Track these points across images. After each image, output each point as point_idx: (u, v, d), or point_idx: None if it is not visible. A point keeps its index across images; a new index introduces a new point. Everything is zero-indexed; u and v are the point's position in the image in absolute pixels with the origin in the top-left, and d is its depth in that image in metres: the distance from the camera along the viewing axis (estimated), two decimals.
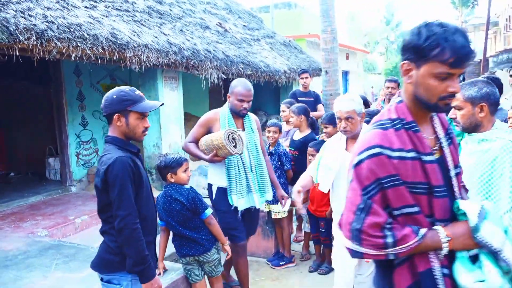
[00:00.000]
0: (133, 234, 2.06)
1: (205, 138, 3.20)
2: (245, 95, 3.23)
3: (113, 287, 2.20)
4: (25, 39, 3.69)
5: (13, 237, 4.21)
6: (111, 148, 2.16)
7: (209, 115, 3.38)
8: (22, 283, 3.19)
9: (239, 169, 3.27)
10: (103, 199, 2.15)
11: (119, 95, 2.17)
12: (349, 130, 2.96)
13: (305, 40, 15.12)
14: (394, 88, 5.55)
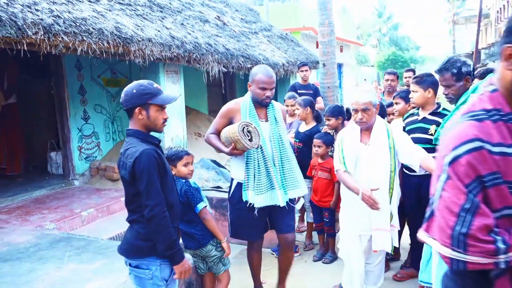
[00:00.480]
0: (162, 222, 2.16)
1: (224, 130, 3.01)
2: (267, 83, 2.98)
3: (142, 271, 2.28)
4: (33, 33, 3.71)
5: (22, 230, 4.25)
6: (134, 141, 2.23)
7: (230, 105, 3.17)
8: (36, 275, 3.25)
9: (258, 163, 3.01)
10: (131, 191, 2.24)
11: (138, 89, 2.23)
12: (365, 121, 3.03)
13: (300, 33, 15.16)
14: (393, 80, 5.63)
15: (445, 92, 2.98)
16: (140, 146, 2.18)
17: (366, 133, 3.15)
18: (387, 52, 43.32)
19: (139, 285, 2.33)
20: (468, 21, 37.30)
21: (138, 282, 2.32)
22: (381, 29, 49.36)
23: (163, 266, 2.28)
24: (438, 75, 3.00)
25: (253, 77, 3.03)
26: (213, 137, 3.13)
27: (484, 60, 18.77)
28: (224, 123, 3.11)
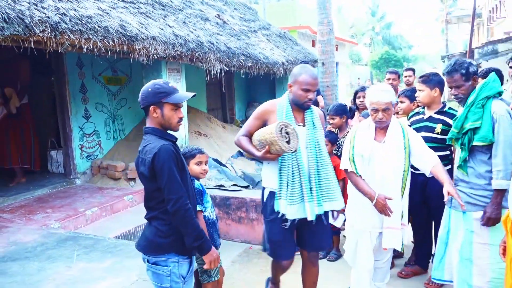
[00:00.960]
0: (186, 214, 2.18)
1: (258, 133, 2.80)
2: (312, 84, 2.79)
3: (160, 268, 2.30)
4: (40, 31, 3.68)
5: (28, 230, 4.23)
6: (152, 138, 2.27)
7: (265, 106, 2.96)
8: (47, 274, 3.24)
9: (293, 170, 2.78)
10: (150, 187, 2.25)
11: (153, 88, 2.26)
12: (385, 120, 3.05)
13: (297, 32, 15.18)
14: (395, 79, 5.68)
15: (455, 92, 3.00)
16: (158, 142, 2.22)
17: (381, 131, 3.16)
18: (380, 51, 43.54)
19: (157, 281, 2.34)
20: (461, 21, 37.57)
21: (156, 279, 2.34)
22: (374, 28, 49.58)
23: (181, 263, 2.30)
24: (447, 76, 3.01)
25: (296, 77, 2.82)
26: (244, 139, 2.89)
27: (478, 60, 18.89)
28: (257, 125, 2.89)
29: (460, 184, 3.01)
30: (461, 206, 2.65)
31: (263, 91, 10.71)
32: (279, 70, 8.23)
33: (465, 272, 2.90)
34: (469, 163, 2.92)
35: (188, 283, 2.38)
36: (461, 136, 2.91)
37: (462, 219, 2.96)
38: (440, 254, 3.19)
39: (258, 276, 4.25)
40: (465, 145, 2.89)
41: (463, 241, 2.92)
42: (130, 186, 5.95)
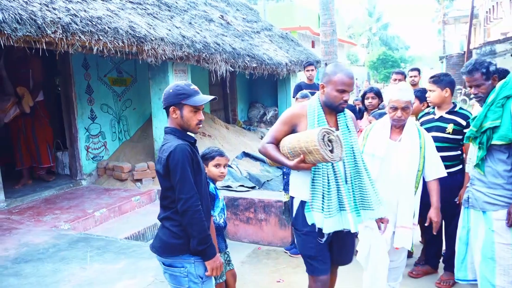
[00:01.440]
0: (195, 215, 2.17)
1: (288, 139, 2.55)
2: (349, 84, 2.55)
3: (177, 270, 2.29)
4: (52, 32, 3.68)
5: (38, 231, 4.22)
6: (171, 138, 2.29)
7: (294, 110, 2.70)
8: (62, 275, 3.23)
9: (328, 179, 2.53)
10: (164, 185, 2.27)
11: (175, 89, 2.28)
12: (403, 119, 3.08)
13: (297, 33, 15.22)
14: (401, 80, 5.69)
15: (474, 91, 2.99)
16: (175, 141, 2.24)
17: (397, 130, 3.19)
18: (378, 52, 43.67)
19: (175, 283, 2.32)
20: (457, 21, 37.72)
21: (174, 281, 2.32)
22: (371, 29, 49.72)
23: (197, 263, 2.29)
24: (467, 75, 3.00)
25: (331, 77, 2.57)
26: (271, 147, 2.63)
27: None
28: (285, 131, 2.64)
29: (477, 183, 3.00)
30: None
31: (265, 92, 10.72)
32: (283, 71, 8.25)
33: (488, 271, 2.91)
34: (487, 162, 2.91)
35: (207, 283, 2.36)
36: (480, 135, 2.90)
37: (482, 219, 2.96)
38: (462, 254, 3.20)
39: (269, 277, 4.26)
40: (483, 144, 2.88)
41: (485, 241, 2.92)
42: (136, 187, 5.94)
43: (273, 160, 2.64)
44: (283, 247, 4.95)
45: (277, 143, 2.64)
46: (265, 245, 5.01)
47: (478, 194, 2.96)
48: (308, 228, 2.61)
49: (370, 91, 4.92)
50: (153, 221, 4.92)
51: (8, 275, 3.26)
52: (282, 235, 5.03)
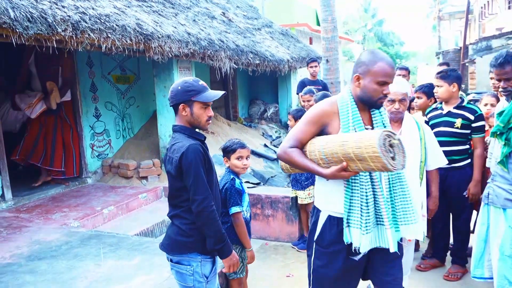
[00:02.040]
0: (210, 216, 2.17)
1: (322, 143, 2.13)
2: (391, 75, 2.16)
3: (183, 267, 2.30)
4: (62, 30, 3.68)
5: (48, 229, 4.23)
6: (181, 137, 2.25)
7: (324, 107, 2.25)
8: (77, 272, 3.25)
9: (366, 189, 2.14)
10: (175, 185, 2.25)
11: (183, 86, 2.25)
12: (401, 111, 3.13)
13: (295, 29, 15.21)
14: (405, 75, 5.73)
15: (504, 85, 2.88)
16: (186, 141, 2.20)
17: (396, 124, 3.25)
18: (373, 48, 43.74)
19: (180, 280, 2.35)
20: (452, 17, 37.87)
21: (180, 278, 2.35)
22: (366, 25, 49.80)
23: (204, 263, 2.30)
24: (498, 68, 2.87)
25: (369, 66, 2.14)
26: (296, 152, 2.19)
27: (472, 56, 19.13)
28: (313, 133, 2.22)
29: (499, 180, 2.93)
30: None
31: (265, 89, 10.74)
32: (284, 67, 8.28)
33: (505, 269, 2.87)
34: (511, 159, 2.83)
35: (211, 283, 2.38)
36: (506, 131, 2.82)
37: (502, 216, 2.92)
38: (480, 251, 3.16)
39: (278, 272, 4.31)
40: (509, 140, 2.80)
41: (504, 238, 2.88)
42: (142, 184, 5.96)
43: (299, 167, 2.21)
44: (291, 243, 5.00)
45: (301, 146, 2.22)
46: (272, 241, 5.06)
47: (499, 191, 2.91)
48: (337, 247, 2.22)
49: None
50: (161, 218, 4.95)
51: (23, 272, 3.27)
52: (289, 230, 5.07)
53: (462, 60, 20.67)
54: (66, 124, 5.77)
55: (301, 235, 5.02)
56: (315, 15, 18.62)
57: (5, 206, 4.89)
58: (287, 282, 4.16)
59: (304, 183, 4.68)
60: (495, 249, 2.98)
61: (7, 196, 4.95)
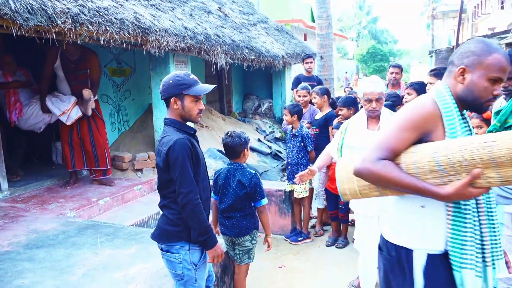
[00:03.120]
0: (195, 209, 2.25)
1: (436, 149, 1.63)
2: (506, 70, 1.72)
3: (172, 255, 2.40)
4: (61, 22, 3.73)
5: (45, 219, 4.28)
6: (170, 130, 2.32)
7: (427, 108, 1.74)
8: (75, 260, 3.32)
9: (472, 214, 1.71)
10: (164, 177, 2.33)
11: (175, 79, 2.30)
12: (378, 109, 3.29)
13: (290, 25, 15.28)
14: (397, 73, 5.85)
15: (505, 85, 2.87)
16: (175, 135, 2.26)
17: (373, 120, 3.38)
18: (367, 45, 43.95)
19: (170, 268, 2.45)
20: (446, 16, 38.15)
21: (170, 266, 2.45)
22: (361, 22, 49.98)
23: (192, 251, 2.38)
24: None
25: (482, 58, 1.71)
26: (393, 167, 1.68)
27: None
28: (412, 141, 1.72)
29: None
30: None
31: (259, 84, 10.81)
32: (279, 63, 8.35)
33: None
34: None
35: (201, 270, 2.45)
36: (502, 130, 2.87)
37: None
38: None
39: (271, 263, 4.43)
40: None
41: None
42: (137, 176, 6.02)
43: (397, 185, 1.67)
44: (283, 235, 5.11)
45: (394, 158, 1.72)
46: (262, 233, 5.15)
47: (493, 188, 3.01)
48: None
49: None
50: (156, 210, 5.01)
51: (21, 260, 3.33)
52: (282, 223, 5.18)
53: None
54: (99, 119, 5.50)
55: (294, 228, 5.13)
56: (310, 12, 18.69)
57: (1, 196, 4.92)
58: (280, 272, 4.27)
59: None
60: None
61: (3, 186, 4.98)
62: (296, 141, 4.71)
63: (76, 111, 5.14)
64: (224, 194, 3.22)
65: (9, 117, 5.14)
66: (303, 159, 4.72)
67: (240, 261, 3.33)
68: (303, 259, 4.61)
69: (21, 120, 5.20)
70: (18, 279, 3.01)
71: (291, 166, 4.82)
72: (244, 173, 3.16)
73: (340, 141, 3.50)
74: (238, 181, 3.14)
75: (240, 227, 3.21)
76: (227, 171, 3.22)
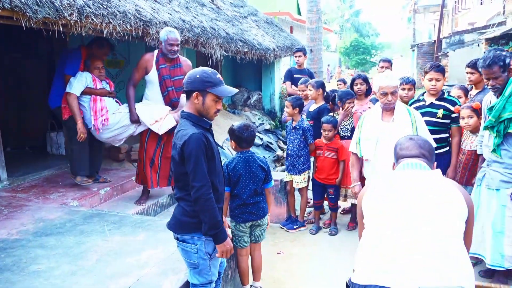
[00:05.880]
0: (207, 203, 2.34)
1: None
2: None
3: (188, 245, 2.51)
4: (68, 14, 3.79)
5: (49, 208, 4.35)
6: (186, 124, 2.40)
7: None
8: (86, 247, 3.42)
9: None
10: (179, 170, 2.43)
11: (202, 75, 2.38)
12: (393, 102, 3.49)
13: (277, 18, 15.39)
14: (387, 67, 6.06)
15: (492, 83, 3.22)
16: (190, 129, 2.34)
17: (388, 113, 3.60)
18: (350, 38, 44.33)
19: (186, 257, 2.58)
20: (427, 10, 38.68)
21: (185, 255, 2.57)
22: (343, 15, 50.32)
23: (207, 242, 2.49)
24: (487, 69, 3.20)
25: None
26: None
27: (445, 49, 19.82)
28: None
29: (494, 165, 3.32)
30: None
31: (248, 76, 10.93)
32: (271, 56, 8.49)
33: (498, 244, 3.27)
34: (503, 146, 3.22)
35: (215, 259, 2.59)
36: (497, 124, 3.19)
37: (495, 196, 3.31)
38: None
39: (269, 250, 4.61)
40: (500, 132, 3.18)
41: (496, 215, 3.28)
42: (134, 167, 6.10)
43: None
44: (279, 223, 5.30)
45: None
46: None
47: (494, 174, 3.29)
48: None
49: (358, 78, 5.28)
50: (155, 200, 5.14)
51: (33, 247, 3.42)
52: (278, 212, 5.36)
53: (436, 53, 21.36)
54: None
55: (289, 216, 5.32)
56: (297, 4, 18.82)
57: (1, 186, 4.95)
58: (279, 258, 4.46)
59: (301, 168, 4.97)
60: (487, 226, 3.35)
61: (3, 176, 5.02)
62: (297, 133, 4.88)
63: (170, 120, 4.65)
64: (245, 181, 3.38)
65: (93, 125, 4.74)
66: (303, 151, 4.91)
67: (261, 239, 3.60)
68: (300, 245, 4.81)
69: (105, 129, 4.80)
70: (33, 265, 3.11)
71: (291, 158, 5.00)
72: (259, 159, 3.41)
73: (357, 135, 3.73)
74: (260, 166, 3.37)
75: (263, 209, 3.47)
76: (245, 159, 3.37)
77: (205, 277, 2.58)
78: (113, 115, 4.84)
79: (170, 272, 2.98)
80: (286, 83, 6.90)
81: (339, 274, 4.03)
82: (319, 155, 4.98)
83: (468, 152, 3.94)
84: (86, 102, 4.77)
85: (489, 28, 17.94)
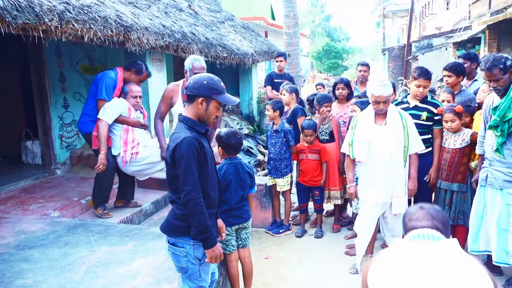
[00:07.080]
0: (196, 207, 2.32)
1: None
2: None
3: (178, 249, 2.49)
4: (48, 20, 3.69)
5: (29, 219, 4.21)
6: (181, 127, 2.41)
7: None
8: (73, 258, 3.32)
9: None
10: (171, 172, 2.42)
11: (210, 82, 2.40)
12: (385, 109, 3.61)
13: (251, 23, 15.45)
14: (365, 71, 6.18)
15: (494, 85, 3.30)
16: (184, 133, 2.34)
17: (381, 116, 3.69)
18: (321, 43, 44.95)
19: (175, 261, 2.56)
20: (395, 15, 39.67)
21: (175, 259, 2.55)
22: (314, 20, 50.99)
23: (196, 246, 2.46)
24: (487, 71, 3.28)
25: None
26: None
27: (415, 53, 20.37)
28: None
29: (496, 164, 3.40)
30: None
31: (226, 81, 10.84)
32: (249, 61, 8.50)
33: (502, 241, 3.36)
34: (506, 145, 3.31)
35: (205, 265, 2.55)
36: (501, 123, 3.26)
37: (499, 195, 3.40)
38: (476, 228, 3.62)
39: (256, 254, 4.58)
40: (504, 131, 3.25)
41: (500, 214, 3.37)
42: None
43: None
44: (264, 228, 5.29)
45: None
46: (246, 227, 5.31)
47: (497, 174, 3.38)
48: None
49: (340, 82, 5.37)
50: (138, 208, 5.04)
51: (16, 260, 3.29)
52: (263, 216, 5.35)
53: (406, 56, 21.93)
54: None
55: (274, 221, 5.33)
56: (270, 9, 18.95)
57: None
58: (266, 263, 4.45)
59: (284, 170, 4.98)
60: (492, 224, 3.44)
61: None
62: (278, 136, 4.90)
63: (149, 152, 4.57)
64: (235, 188, 3.39)
65: (122, 156, 4.47)
66: (286, 154, 4.93)
67: (248, 242, 3.61)
68: (287, 249, 4.82)
69: (132, 162, 4.52)
70: (19, 279, 3.00)
71: (273, 161, 5.01)
72: (246, 165, 3.42)
73: (350, 137, 3.80)
74: (247, 173, 3.40)
75: (248, 212, 3.51)
76: (234, 165, 3.37)
77: (196, 282, 2.55)
78: (144, 148, 4.55)
79: (163, 281, 2.92)
80: (267, 87, 6.92)
81: (327, 276, 4.07)
82: (302, 158, 5.01)
83: (452, 151, 4.05)
84: (118, 131, 4.47)
85: (455, 32, 18.58)
